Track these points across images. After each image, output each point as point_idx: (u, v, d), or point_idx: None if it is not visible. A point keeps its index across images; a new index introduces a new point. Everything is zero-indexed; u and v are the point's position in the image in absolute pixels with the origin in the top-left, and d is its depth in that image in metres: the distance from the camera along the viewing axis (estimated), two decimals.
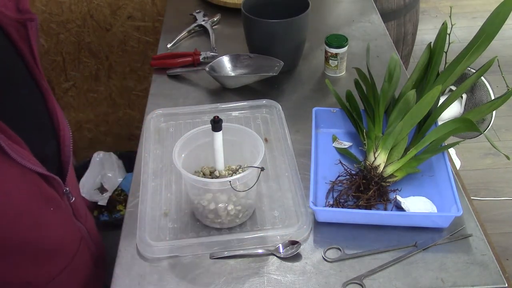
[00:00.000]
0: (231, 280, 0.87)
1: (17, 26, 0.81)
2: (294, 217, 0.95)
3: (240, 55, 1.31)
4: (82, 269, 0.98)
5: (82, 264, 0.97)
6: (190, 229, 0.94)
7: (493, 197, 2.26)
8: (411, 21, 2.12)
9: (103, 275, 1.07)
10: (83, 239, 0.97)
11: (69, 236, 0.93)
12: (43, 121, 0.86)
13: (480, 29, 1.02)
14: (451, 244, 0.91)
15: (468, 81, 1.05)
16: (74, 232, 0.94)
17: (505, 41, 3.14)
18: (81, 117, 2.16)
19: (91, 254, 1.00)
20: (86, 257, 0.98)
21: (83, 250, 0.97)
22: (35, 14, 0.84)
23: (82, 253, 0.96)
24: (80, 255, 0.95)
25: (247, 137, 0.97)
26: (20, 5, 0.82)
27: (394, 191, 0.98)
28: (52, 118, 0.87)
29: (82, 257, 0.96)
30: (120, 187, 1.93)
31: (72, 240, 0.94)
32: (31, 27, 0.82)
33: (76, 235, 0.95)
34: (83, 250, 0.96)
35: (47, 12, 1.83)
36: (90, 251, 1.00)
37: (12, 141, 0.73)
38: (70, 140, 0.89)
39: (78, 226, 0.95)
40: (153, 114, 1.17)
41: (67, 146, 0.89)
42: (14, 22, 0.81)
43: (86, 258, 0.99)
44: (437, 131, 1.01)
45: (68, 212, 0.91)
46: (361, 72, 1.11)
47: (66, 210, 0.90)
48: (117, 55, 1.98)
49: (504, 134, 2.56)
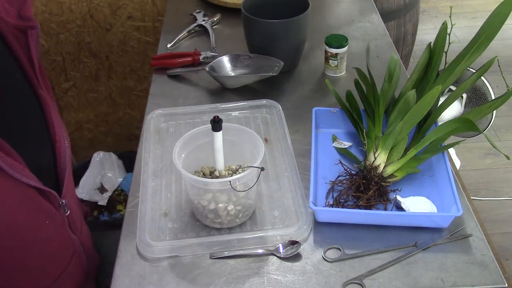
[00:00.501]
0: (231, 280, 0.87)
1: (17, 33, 0.79)
2: (294, 217, 0.95)
3: (240, 55, 1.31)
4: (71, 282, 0.96)
5: (72, 278, 0.96)
6: (190, 229, 0.94)
7: (493, 197, 2.26)
8: (411, 21, 2.12)
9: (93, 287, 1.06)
10: (76, 252, 0.96)
11: (62, 248, 0.92)
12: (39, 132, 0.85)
13: (480, 29, 1.02)
14: (451, 244, 0.91)
15: (468, 81, 1.05)
16: (67, 245, 0.93)
17: (505, 41, 3.15)
18: (81, 117, 2.16)
19: (82, 267, 0.99)
20: (77, 270, 0.97)
21: (75, 263, 0.96)
22: (36, 22, 0.82)
23: (74, 266, 0.95)
24: (71, 268, 0.94)
25: (247, 137, 0.96)
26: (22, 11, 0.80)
27: (394, 191, 0.98)
28: (49, 128, 0.86)
29: (72, 270, 0.95)
30: (120, 187, 1.94)
31: (65, 253, 0.93)
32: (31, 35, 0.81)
33: (69, 248, 0.94)
34: (74, 263, 0.95)
35: (47, 12, 1.83)
36: (82, 264, 0.99)
37: (5, 153, 0.71)
38: (67, 151, 0.88)
39: (73, 238, 0.94)
40: (153, 114, 1.17)
41: (63, 157, 0.87)
42: (13, 29, 0.79)
43: (77, 272, 0.98)
44: (437, 131, 1.01)
45: (64, 224, 0.90)
46: (361, 72, 1.11)
47: (62, 222, 0.89)
48: (117, 55, 1.98)
49: (504, 134, 2.56)
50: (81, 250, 0.98)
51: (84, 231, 1.02)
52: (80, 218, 1.01)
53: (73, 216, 0.93)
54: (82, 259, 0.99)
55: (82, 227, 1.01)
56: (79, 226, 0.97)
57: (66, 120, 2.15)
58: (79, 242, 0.97)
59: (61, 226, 0.90)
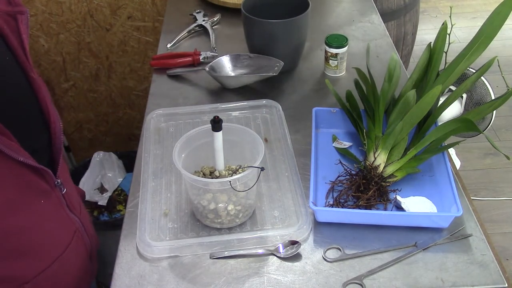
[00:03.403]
0: (231, 280, 0.87)
1: (8, 18, 0.82)
2: (294, 217, 0.95)
3: (240, 55, 1.31)
4: (75, 261, 0.97)
5: (76, 256, 0.97)
6: (190, 229, 0.94)
7: (493, 197, 2.26)
8: (411, 21, 2.12)
9: (96, 270, 1.07)
10: (78, 231, 0.96)
11: (61, 228, 0.93)
12: (33, 113, 0.86)
13: (480, 29, 1.02)
14: (451, 244, 0.91)
15: (468, 81, 1.05)
16: (67, 224, 0.94)
17: (505, 41, 3.15)
18: (81, 117, 2.16)
19: (85, 247, 1.00)
20: (80, 249, 0.98)
21: (77, 242, 0.96)
22: (25, 7, 0.84)
23: (76, 245, 0.96)
24: (73, 247, 0.95)
25: (247, 137, 0.97)
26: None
27: (394, 191, 0.98)
28: (43, 110, 0.87)
29: (75, 249, 0.96)
30: (120, 187, 1.94)
31: (65, 231, 0.94)
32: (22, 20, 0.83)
33: (69, 227, 0.95)
34: (76, 242, 0.96)
35: (47, 12, 1.83)
36: (85, 244, 1.00)
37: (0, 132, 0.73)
38: (61, 132, 0.89)
39: (72, 218, 0.95)
40: (153, 114, 1.17)
41: (58, 138, 0.89)
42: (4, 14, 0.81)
43: (81, 251, 0.99)
44: (437, 131, 1.01)
45: (61, 204, 0.91)
46: (361, 72, 1.11)
47: (58, 202, 0.90)
48: (117, 55, 1.98)
49: (504, 134, 2.56)
50: (83, 230, 0.99)
51: (84, 213, 1.03)
52: (78, 200, 1.02)
53: (70, 196, 0.94)
54: (85, 238, 1.00)
55: (81, 208, 1.02)
56: (77, 206, 0.98)
57: (66, 120, 2.15)
58: (79, 222, 0.97)
59: (58, 206, 0.91)
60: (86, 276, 1.03)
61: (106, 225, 1.82)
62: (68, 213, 0.93)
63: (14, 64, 0.83)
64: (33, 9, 1.81)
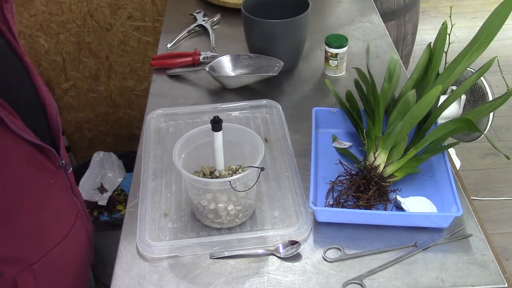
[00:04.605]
0: (231, 280, 0.87)
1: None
2: (294, 217, 0.95)
3: (240, 55, 1.31)
4: (76, 245, 0.98)
5: (77, 240, 0.98)
6: (190, 229, 0.94)
7: (493, 197, 2.26)
8: (411, 21, 2.12)
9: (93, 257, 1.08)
10: (79, 215, 0.97)
11: (66, 209, 0.94)
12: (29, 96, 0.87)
13: (480, 29, 1.02)
14: (451, 244, 0.91)
15: (468, 81, 1.05)
16: (70, 206, 0.95)
17: (505, 41, 3.15)
18: (81, 117, 2.16)
19: (86, 231, 1.01)
20: (82, 233, 0.99)
21: (79, 226, 0.97)
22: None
23: (78, 229, 0.97)
24: (75, 230, 0.95)
25: (247, 137, 0.97)
26: None
27: (394, 191, 0.98)
28: (38, 93, 0.88)
29: (77, 233, 0.97)
30: (120, 187, 1.93)
31: (68, 214, 0.94)
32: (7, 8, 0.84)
33: (72, 210, 0.95)
34: (79, 226, 0.97)
35: (47, 12, 1.83)
36: (86, 228, 1.01)
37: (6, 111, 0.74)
38: (57, 114, 0.90)
39: (75, 201, 0.96)
40: (153, 114, 1.17)
41: (55, 120, 0.90)
42: None
43: (82, 235, 0.99)
44: (437, 131, 1.01)
45: (66, 185, 0.92)
46: (361, 72, 1.11)
47: (64, 183, 0.91)
48: (117, 55, 1.98)
49: (504, 134, 2.56)
50: (84, 214, 1.00)
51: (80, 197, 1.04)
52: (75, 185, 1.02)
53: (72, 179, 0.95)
54: (85, 222, 1.00)
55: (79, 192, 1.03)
56: (76, 190, 0.99)
57: (66, 120, 2.15)
58: (81, 205, 0.98)
59: (64, 187, 0.92)
60: (86, 261, 1.04)
61: (106, 225, 1.82)
62: (71, 195, 0.94)
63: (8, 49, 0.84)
64: (33, 9, 1.81)
